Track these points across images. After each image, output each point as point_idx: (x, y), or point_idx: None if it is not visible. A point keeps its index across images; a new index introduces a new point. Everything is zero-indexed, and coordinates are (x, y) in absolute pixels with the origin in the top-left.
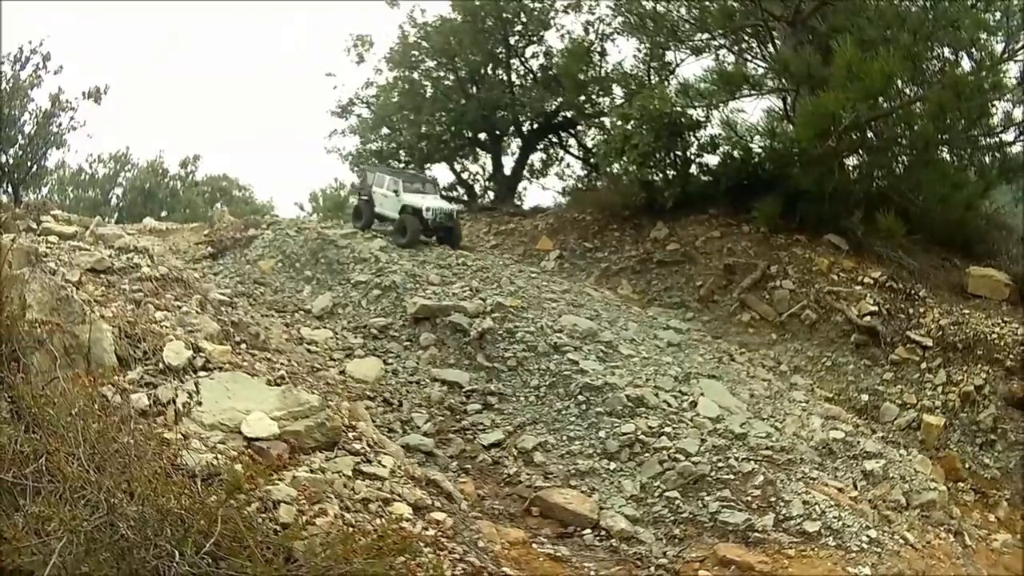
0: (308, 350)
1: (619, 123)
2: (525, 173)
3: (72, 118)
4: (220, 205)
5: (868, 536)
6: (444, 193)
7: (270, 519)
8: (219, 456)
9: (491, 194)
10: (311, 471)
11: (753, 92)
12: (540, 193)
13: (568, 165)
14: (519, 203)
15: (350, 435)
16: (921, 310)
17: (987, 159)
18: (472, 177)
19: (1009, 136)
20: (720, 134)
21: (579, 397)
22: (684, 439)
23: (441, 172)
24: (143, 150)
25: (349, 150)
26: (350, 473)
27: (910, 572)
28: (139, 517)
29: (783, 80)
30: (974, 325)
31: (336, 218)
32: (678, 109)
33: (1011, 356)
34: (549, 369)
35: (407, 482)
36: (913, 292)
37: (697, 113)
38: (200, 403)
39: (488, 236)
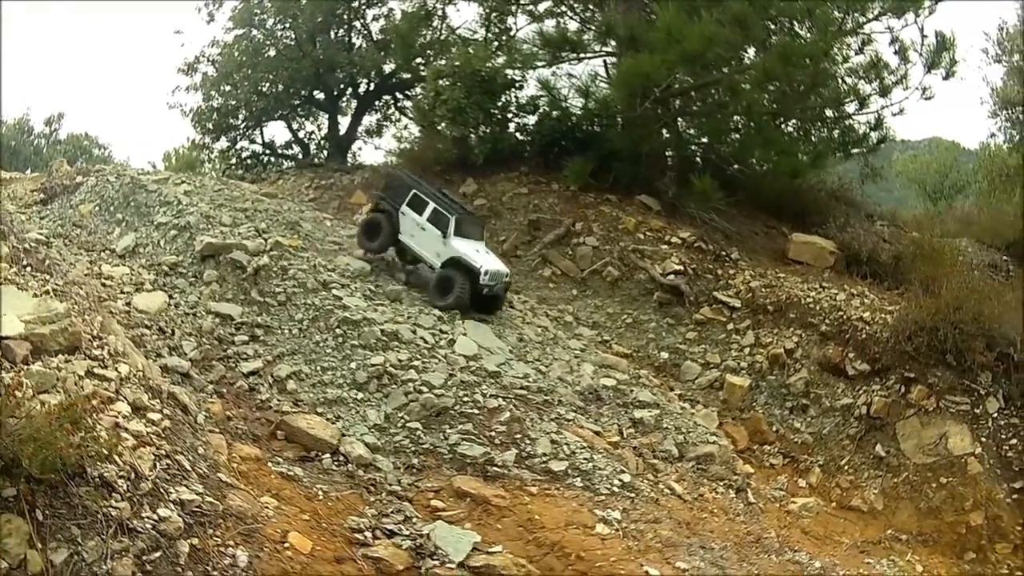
0: (103, 284)
1: (433, 80)
2: (361, 133)
3: None
4: (81, 163)
5: (621, 480)
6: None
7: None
8: None
9: (325, 153)
10: (46, 368)
11: (576, 55)
12: (375, 154)
13: (406, 127)
14: (353, 162)
15: (95, 344)
16: (731, 272)
17: (834, 132)
18: (308, 136)
19: (851, 109)
20: (541, 95)
21: (337, 331)
22: (432, 373)
23: (279, 130)
24: (15, 107)
25: (191, 107)
26: (83, 373)
27: (670, 520)
28: None
29: (607, 43)
30: (788, 289)
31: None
32: (491, 67)
33: (827, 321)
34: (314, 304)
35: (138, 388)
36: (724, 254)
37: (513, 73)
38: None
39: (308, 191)
